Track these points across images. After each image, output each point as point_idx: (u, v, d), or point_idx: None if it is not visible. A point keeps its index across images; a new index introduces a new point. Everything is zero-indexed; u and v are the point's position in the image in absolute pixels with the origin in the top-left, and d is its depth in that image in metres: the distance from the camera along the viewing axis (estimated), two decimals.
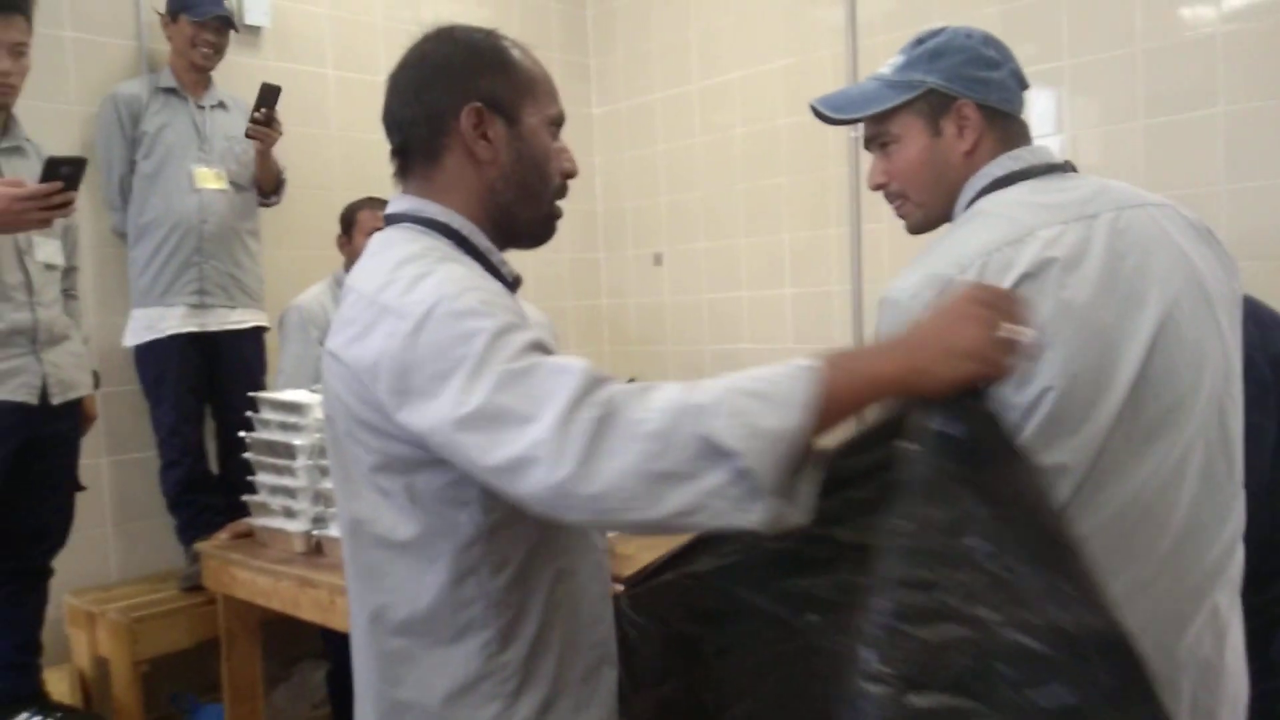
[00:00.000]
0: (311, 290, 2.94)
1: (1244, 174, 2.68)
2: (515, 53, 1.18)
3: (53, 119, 2.80)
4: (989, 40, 1.30)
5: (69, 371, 2.37)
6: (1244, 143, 2.67)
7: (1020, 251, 1.17)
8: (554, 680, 1.10)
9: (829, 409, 0.87)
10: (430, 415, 0.94)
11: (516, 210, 1.16)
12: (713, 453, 0.84)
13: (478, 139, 1.13)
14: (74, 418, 2.44)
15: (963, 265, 1.17)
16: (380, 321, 1.00)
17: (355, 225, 2.88)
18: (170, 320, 2.78)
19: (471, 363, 0.92)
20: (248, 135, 2.83)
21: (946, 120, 1.28)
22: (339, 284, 2.90)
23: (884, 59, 1.36)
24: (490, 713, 1.07)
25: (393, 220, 1.17)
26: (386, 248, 1.12)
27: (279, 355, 2.94)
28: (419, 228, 1.13)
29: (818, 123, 1.42)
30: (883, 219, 3.35)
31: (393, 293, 1.01)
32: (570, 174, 1.20)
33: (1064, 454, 1.19)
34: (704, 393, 0.86)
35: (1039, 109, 3.05)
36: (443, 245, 1.11)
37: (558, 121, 1.19)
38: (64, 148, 2.47)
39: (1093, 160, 2.95)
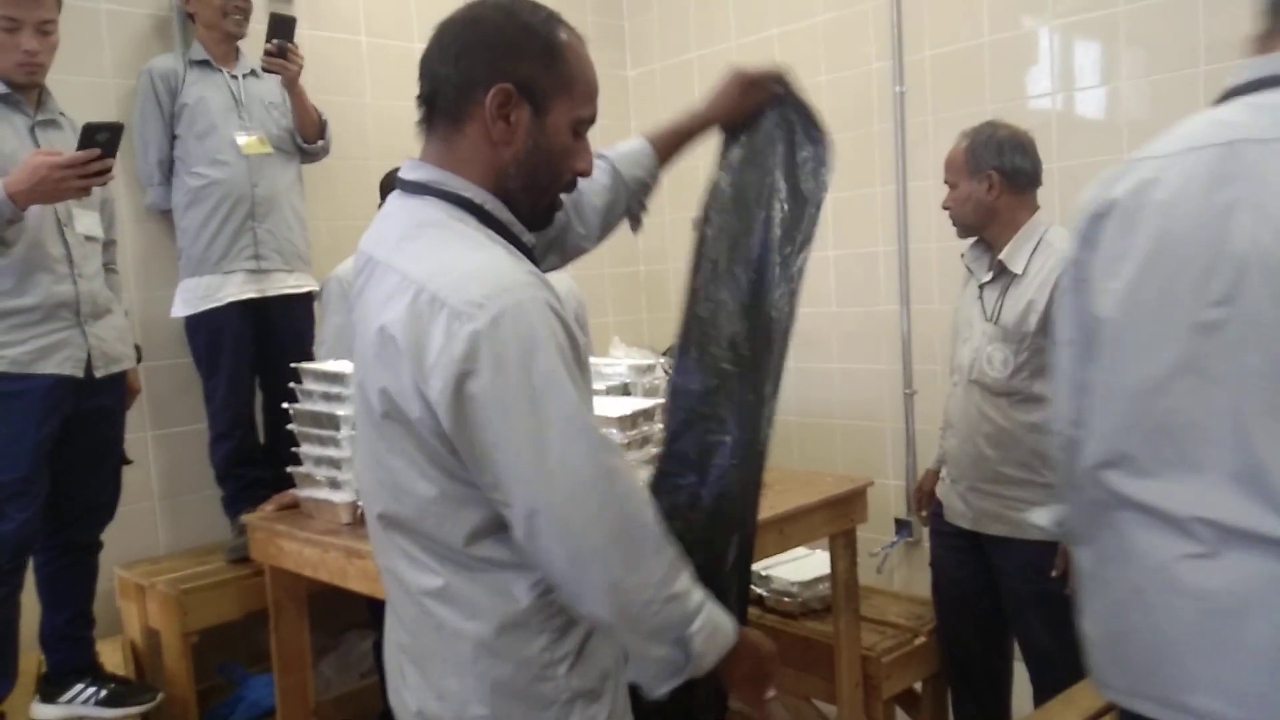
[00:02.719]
0: (350, 260, 2.91)
1: None
2: (568, 46, 1.18)
3: (88, 92, 2.79)
4: None
5: (113, 345, 2.36)
6: None
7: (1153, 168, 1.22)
8: None
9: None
10: None
11: (520, 198, 1.19)
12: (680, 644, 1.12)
13: (497, 119, 1.14)
14: (118, 391, 2.44)
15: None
16: None
17: None
18: (229, 288, 2.76)
19: None
20: (264, 69, 2.79)
21: None
22: None
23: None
24: (540, 645, 1.14)
25: (414, 189, 1.19)
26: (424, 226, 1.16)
27: (320, 326, 2.93)
28: (443, 203, 1.16)
29: (861, 79, 1.53)
30: (929, 176, 3.25)
31: None
32: (584, 173, 1.23)
33: (1122, 388, 1.19)
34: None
35: (1083, 61, 2.94)
36: (469, 221, 1.15)
37: (588, 122, 1.21)
38: (101, 119, 2.45)
39: (1142, 113, 2.84)
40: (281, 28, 2.77)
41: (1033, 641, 2.35)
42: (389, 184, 2.87)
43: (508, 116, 1.14)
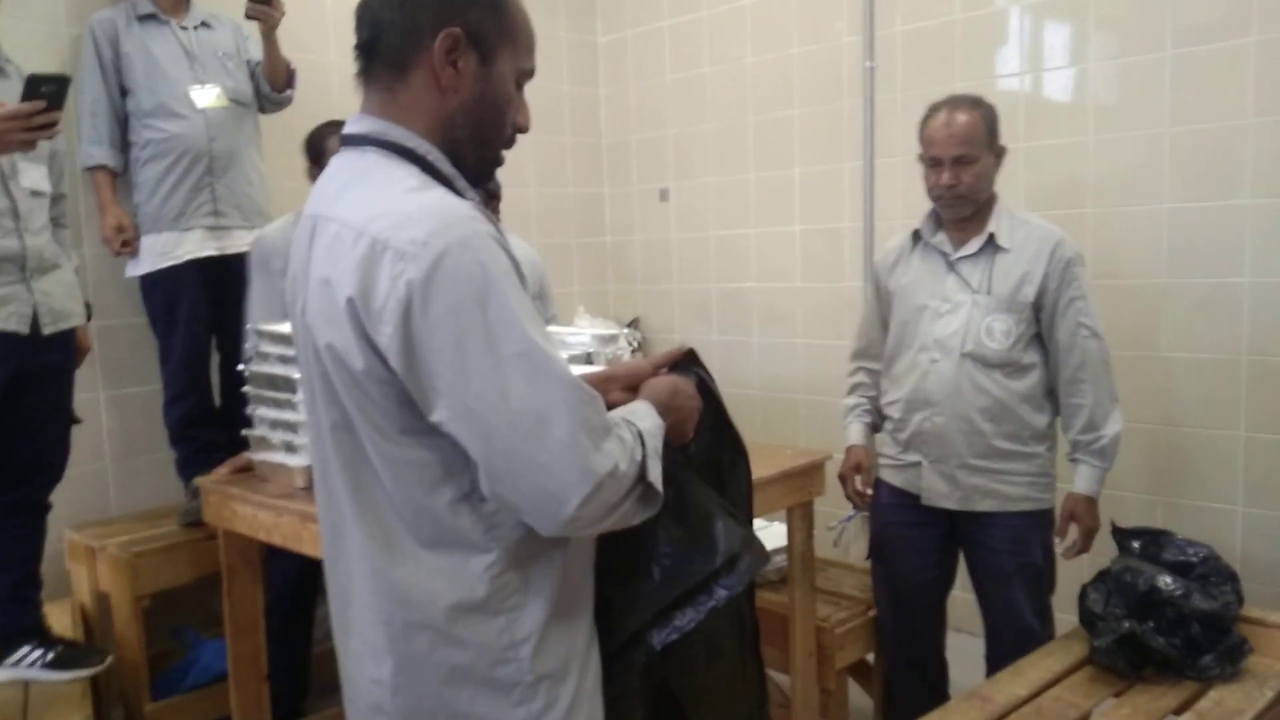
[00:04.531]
0: (277, 222, 2.79)
1: (1274, 106, 2.59)
2: None
3: (40, 40, 2.71)
4: None
5: (60, 300, 2.31)
6: (1276, 74, 2.58)
7: None
8: (555, 595, 1.14)
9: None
10: None
11: (466, 148, 1.16)
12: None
13: (446, 64, 1.12)
14: (67, 348, 2.39)
15: None
16: None
17: (325, 154, 2.62)
18: (187, 245, 2.70)
19: None
20: (247, 16, 2.73)
21: None
22: None
23: None
24: (498, 626, 1.11)
25: (355, 141, 1.16)
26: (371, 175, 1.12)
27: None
28: (385, 153, 1.13)
29: (831, 52, 1.43)
30: (896, 153, 3.26)
31: None
32: (523, 128, 1.21)
33: None
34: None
35: (1052, 41, 2.95)
36: (410, 168, 1.12)
37: (528, 75, 1.21)
38: (51, 69, 2.37)
39: (1109, 96, 2.86)
40: None
41: (1013, 614, 2.35)
42: (319, 144, 2.68)
43: (455, 63, 1.12)
